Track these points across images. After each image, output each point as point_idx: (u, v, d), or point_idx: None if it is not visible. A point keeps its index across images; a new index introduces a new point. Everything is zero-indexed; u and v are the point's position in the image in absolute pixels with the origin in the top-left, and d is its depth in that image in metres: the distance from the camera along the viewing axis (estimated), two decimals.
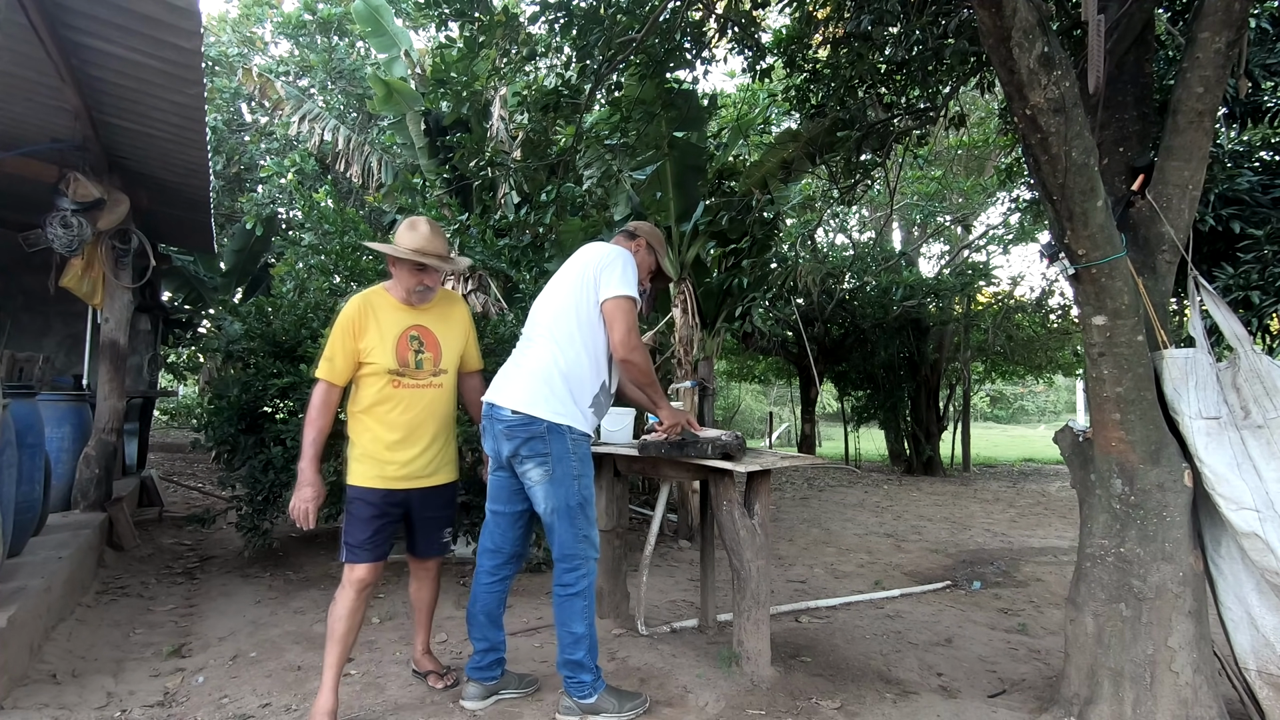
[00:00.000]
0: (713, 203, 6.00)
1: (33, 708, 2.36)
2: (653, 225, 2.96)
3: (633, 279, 2.52)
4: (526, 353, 2.53)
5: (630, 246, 2.76)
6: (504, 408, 2.41)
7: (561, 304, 2.52)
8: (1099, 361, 2.34)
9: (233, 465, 4.48)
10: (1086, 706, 2.36)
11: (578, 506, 2.41)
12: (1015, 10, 1.94)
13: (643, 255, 2.79)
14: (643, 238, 2.83)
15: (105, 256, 4.49)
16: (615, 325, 2.46)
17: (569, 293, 2.52)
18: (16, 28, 2.97)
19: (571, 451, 2.40)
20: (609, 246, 2.62)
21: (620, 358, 2.50)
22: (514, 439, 2.40)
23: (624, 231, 2.88)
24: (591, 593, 2.47)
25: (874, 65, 4.44)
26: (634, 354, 2.47)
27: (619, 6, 4.03)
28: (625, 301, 2.47)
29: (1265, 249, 2.98)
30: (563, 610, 2.43)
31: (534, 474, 2.40)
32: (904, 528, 6.59)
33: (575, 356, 2.45)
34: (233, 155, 10.29)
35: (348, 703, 2.54)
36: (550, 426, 2.37)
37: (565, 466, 2.39)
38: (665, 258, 2.91)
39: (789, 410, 21.16)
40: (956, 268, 11.77)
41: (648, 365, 2.55)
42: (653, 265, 2.86)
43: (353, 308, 2.52)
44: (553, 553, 2.47)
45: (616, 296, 2.46)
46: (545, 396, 2.39)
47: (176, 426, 15.60)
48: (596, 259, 2.54)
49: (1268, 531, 2.13)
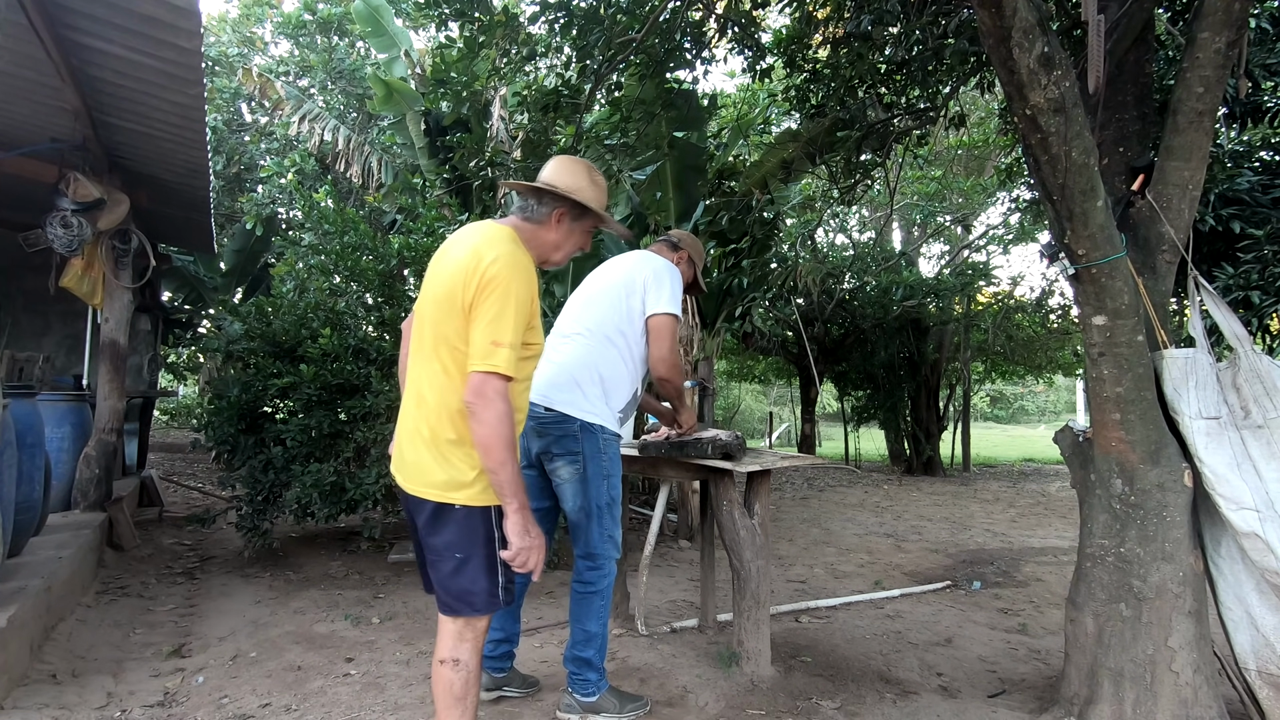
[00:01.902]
0: (713, 203, 6.00)
1: (33, 708, 2.36)
2: (694, 237, 2.96)
3: (679, 296, 2.56)
4: (562, 350, 2.52)
5: (674, 258, 2.77)
6: (537, 404, 2.39)
7: (606, 308, 2.53)
8: (1099, 361, 2.34)
9: (233, 465, 4.48)
10: (1086, 706, 2.36)
11: (606, 506, 2.43)
12: (1015, 10, 1.94)
13: (684, 267, 2.81)
14: (686, 250, 2.84)
15: (105, 256, 4.49)
16: (659, 341, 2.49)
17: (616, 299, 2.53)
18: (16, 28, 2.97)
19: (603, 451, 2.41)
20: (658, 259, 2.63)
21: (659, 375, 2.54)
22: (545, 436, 2.40)
23: (667, 242, 2.87)
24: (609, 593, 2.48)
25: (874, 65, 4.44)
26: (673, 371, 2.51)
27: (619, 6, 4.03)
28: (670, 320, 2.49)
29: (1265, 249, 2.98)
30: (580, 607, 2.44)
31: (564, 472, 2.41)
32: (904, 528, 6.59)
33: (615, 362, 2.47)
34: (233, 155, 10.29)
35: (348, 703, 2.54)
36: (583, 425, 2.38)
37: (596, 465, 2.40)
38: (701, 271, 2.93)
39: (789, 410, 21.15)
40: (956, 268, 11.77)
41: (681, 381, 2.60)
42: (690, 278, 2.86)
43: (530, 270, 1.80)
44: (576, 550, 2.48)
45: (663, 313, 2.49)
46: (580, 396, 2.40)
47: (176, 426, 15.61)
48: (646, 270, 2.55)
49: (1268, 531, 2.13)
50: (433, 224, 4.99)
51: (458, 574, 1.71)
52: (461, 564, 1.71)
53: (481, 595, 1.72)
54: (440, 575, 1.73)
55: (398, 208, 7.22)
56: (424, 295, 1.86)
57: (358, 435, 4.21)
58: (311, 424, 4.20)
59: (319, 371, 4.22)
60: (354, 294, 4.97)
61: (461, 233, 1.89)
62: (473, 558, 1.71)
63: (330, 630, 3.28)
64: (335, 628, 3.31)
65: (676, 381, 2.56)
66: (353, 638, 3.19)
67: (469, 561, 1.71)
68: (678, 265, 2.74)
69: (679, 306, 2.54)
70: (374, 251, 4.76)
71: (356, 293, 4.97)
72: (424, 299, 1.85)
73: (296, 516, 4.18)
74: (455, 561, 1.71)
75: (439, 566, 1.73)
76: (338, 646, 3.08)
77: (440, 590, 1.75)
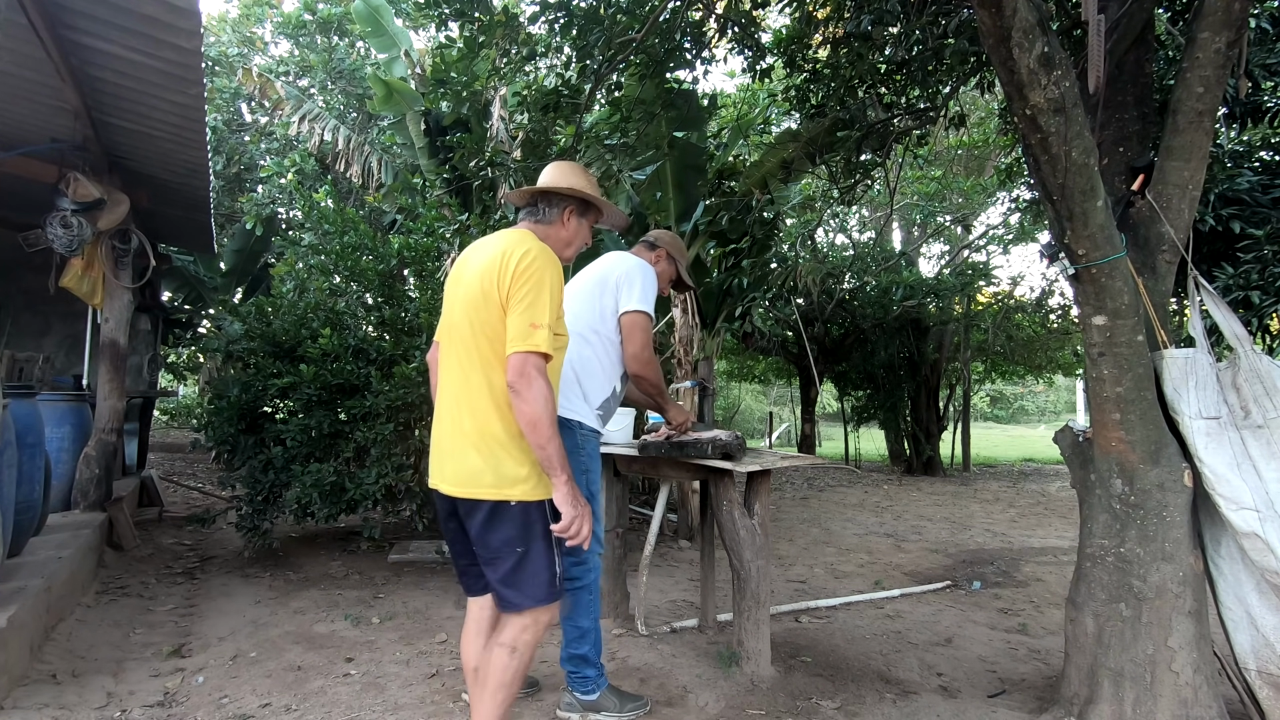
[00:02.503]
0: (713, 203, 6.00)
1: (33, 708, 2.36)
2: (674, 235, 2.99)
3: (652, 294, 2.58)
4: None
5: (650, 257, 2.80)
6: None
7: (580, 308, 2.56)
8: (1099, 361, 2.34)
9: (233, 465, 4.48)
10: (1086, 706, 2.36)
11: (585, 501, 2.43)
12: (1015, 10, 1.94)
13: (664, 265, 2.83)
14: (663, 248, 2.87)
15: (105, 256, 4.49)
16: (631, 339, 2.52)
17: (590, 298, 2.57)
18: (16, 28, 2.96)
19: (581, 446, 2.44)
20: (632, 258, 2.66)
21: (633, 371, 2.57)
22: None
23: (645, 242, 2.91)
24: (596, 587, 2.50)
25: (874, 65, 4.44)
26: (646, 368, 2.55)
27: (619, 6, 4.03)
28: (642, 317, 2.53)
29: (1265, 249, 2.98)
30: (569, 604, 2.45)
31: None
32: (904, 528, 6.59)
33: (590, 359, 2.51)
34: (233, 155, 10.29)
35: (348, 703, 2.54)
36: (561, 421, 2.39)
37: (575, 461, 2.40)
38: (686, 267, 2.95)
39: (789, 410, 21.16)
40: (956, 268, 11.77)
41: (658, 378, 2.62)
42: (674, 274, 2.90)
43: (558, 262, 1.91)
44: None
45: (634, 311, 2.52)
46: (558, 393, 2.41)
47: (176, 426, 15.61)
48: (620, 269, 2.59)
49: (1268, 531, 2.13)
50: (433, 224, 4.99)
51: (519, 569, 1.78)
52: (522, 558, 1.78)
53: (544, 586, 1.81)
54: (501, 573, 1.79)
55: (398, 208, 7.22)
56: (449, 312, 1.94)
57: (358, 435, 4.21)
58: (311, 424, 4.20)
59: (319, 371, 4.22)
60: (354, 294, 4.98)
61: (481, 243, 1.98)
62: (532, 550, 1.79)
63: (330, 630, 3.28)
64: (335, 628, 3.31)
65: (651, 378, 2.58)
66: (353, 638, 3.19)
67: (529, 554, 1.79)
68: (656, 263, 2.78)
69: (651, 304, 2.57)
70: (374, 251, 4.76)
71: (356, 293, 4.97)
72: (450, 315, 1.93)
73: (296, 516, 4.18)
74: (516, 556, 1.78)
75: (499, 565, 1.79)
76: (338, 646, 3.08)
77: (502, 589, 1.81)
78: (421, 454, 4.42)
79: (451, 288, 1.96)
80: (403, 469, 4.21)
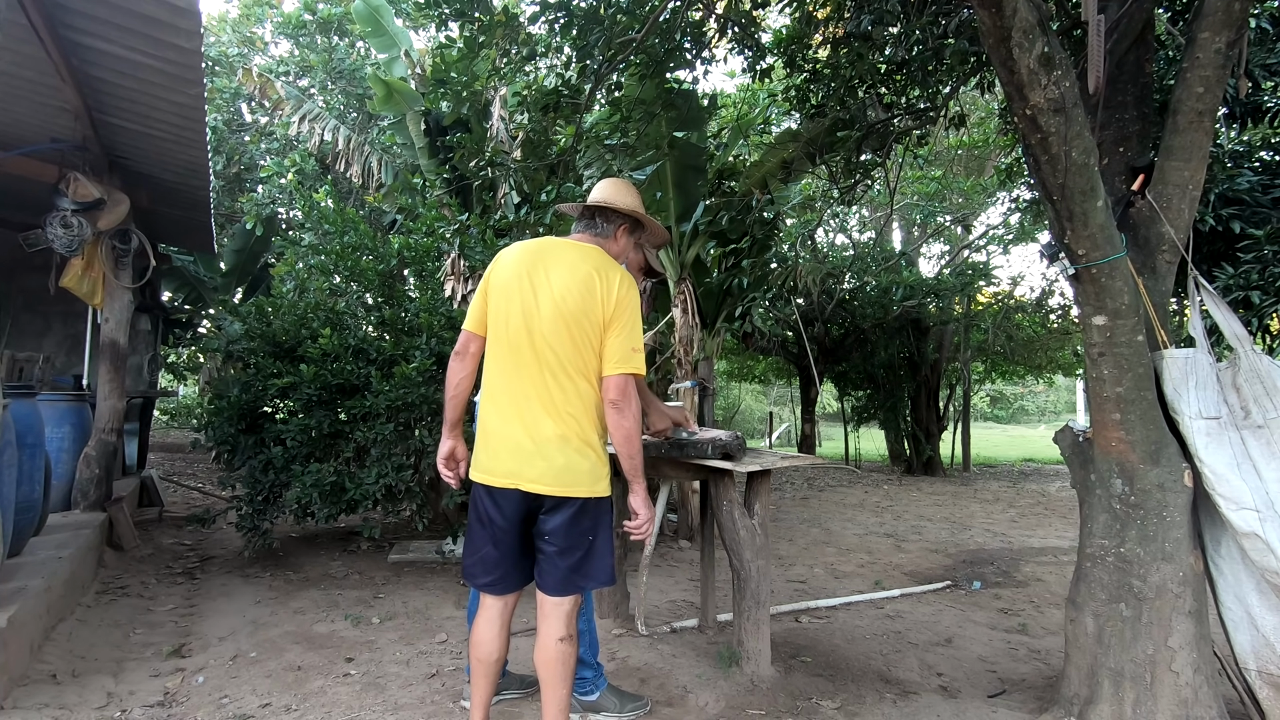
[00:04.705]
0: (713, 203, 6.00)
1: (33, 708, 2.36)
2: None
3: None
4: None
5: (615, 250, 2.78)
6: None
7: None
8: (1099, 361, 2.34)
9: (233, 465, 4.48)
10: (1086, 706, 2.36)
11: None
12: (1015, 10, 1.94)
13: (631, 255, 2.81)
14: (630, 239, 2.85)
15: (105, 256, 4.49)
16: None
17: None
18: (16, 28, 2.96)
19: None
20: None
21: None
22: None
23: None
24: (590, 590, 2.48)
25: (874, 65, 4.43)
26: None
27: (619, 6, 4.02)
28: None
29: (1265, 249, 2.98)
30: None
31: None
32: (904, 528, 6.58)
33: None
34: (233, 155, 10.28)
35: (348, 703, 2.54)
36: None
37: None
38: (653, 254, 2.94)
39: (789, 410, 21.15)
40: (956, 268, 11.76)
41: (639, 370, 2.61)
42: (642, 262, 2.87)
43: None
44: None
45: None
46: None
47: (176, 426, 15.60)
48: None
49: (1268, 531, 2.13)
50: (433, 224, 4.99)
51: (590, 556, 1.99)
52: (592, 546, 1.99)
53: (608, 569, 2.04)
54: (574, 560, 1.98)
55: (398, 208, 7.22)
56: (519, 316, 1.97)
57: (358, 435, 4.21)
58: (311, 424, 4.20)
59: (319, 371, 4.22)
60: (354, 294, 4.98)
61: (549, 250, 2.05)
62: (599, 538, 2.01)
63: (330, 630, 3.28)
64: (335, 628, 3.31)
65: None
66: (353, 638, 3.19)
67: (597, 542, 2.00)
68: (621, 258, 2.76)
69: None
70: (374, 251, 4.76)
71: (356, 293, 4.97)
72: (528, 320, 1.96)
73: (296, 516, 4.18)
74: (588, 544, 1.99)
75: (572, 553, 1.97)
76: (338, 646, 3.08)
77: (572, 574, 1.99)
78: (422, 454, 4.42)
79: (517, 291, 1.98)
80: (403, 469, 4.21)
